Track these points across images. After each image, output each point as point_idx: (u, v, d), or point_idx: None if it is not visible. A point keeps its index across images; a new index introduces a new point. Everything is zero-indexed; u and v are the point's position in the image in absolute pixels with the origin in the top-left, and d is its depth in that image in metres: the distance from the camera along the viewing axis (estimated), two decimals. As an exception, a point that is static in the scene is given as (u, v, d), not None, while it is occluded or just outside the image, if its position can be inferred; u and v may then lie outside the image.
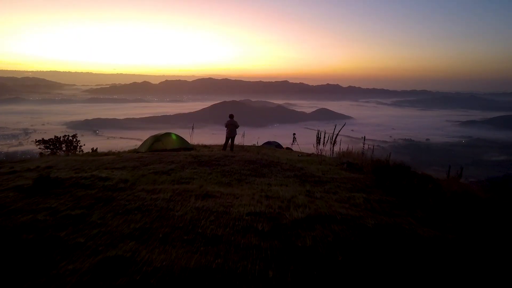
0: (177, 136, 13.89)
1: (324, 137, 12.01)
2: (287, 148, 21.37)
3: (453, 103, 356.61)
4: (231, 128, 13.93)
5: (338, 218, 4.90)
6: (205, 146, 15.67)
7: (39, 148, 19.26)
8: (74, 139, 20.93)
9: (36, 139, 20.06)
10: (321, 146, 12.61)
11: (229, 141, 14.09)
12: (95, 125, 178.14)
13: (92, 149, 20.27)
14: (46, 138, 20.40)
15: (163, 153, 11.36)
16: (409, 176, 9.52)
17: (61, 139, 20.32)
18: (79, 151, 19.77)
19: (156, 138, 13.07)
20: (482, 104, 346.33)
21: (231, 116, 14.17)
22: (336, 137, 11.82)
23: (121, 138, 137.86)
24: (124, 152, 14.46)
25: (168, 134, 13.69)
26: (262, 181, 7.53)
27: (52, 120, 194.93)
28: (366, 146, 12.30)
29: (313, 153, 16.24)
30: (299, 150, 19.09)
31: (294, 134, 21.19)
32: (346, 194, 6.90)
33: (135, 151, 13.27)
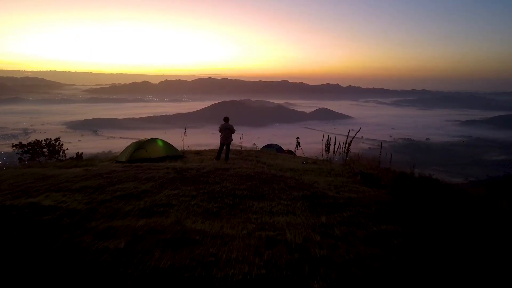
0: (164, 142, 12.03)
1: (335, 144, 10.21)
2: (289, 151, 19.60)
3: (453, 103, 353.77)
4: (226, 133, 12.02)
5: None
6: (196, 153, 13.76)
7: (17, 153, 17.39)
8: (57, 143, 19.10)
9: (13, 143, 18.16)
10: (330, 154, 10.84)
11: (224, 148, 12.25)
12: (94, 125, 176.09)
13: (77, 154, 18.56)
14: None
15: (144, 165, 9.54)
16: (443, 192, 7.82)
17: (42, 143, 18.49)
18: (62, 156, 18.01)
19: (139, 145, 11.20)
20: (482, 103, 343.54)
21: (226, 120, 12.24)
22: (349, 145, 10.02)
23: (120, 138, 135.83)
24: (106, 160, 12.68)
25: (153, 140, 11.82)
26: (261, 207, 5.75)
27: (52, 120, 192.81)
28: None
29: (317, 158, 14.49)
30: (303, 155, 17.34)
31: (297, 138, 19.31)
32: (374, 228, 5.16)
33: (115, 160, 11.42)
